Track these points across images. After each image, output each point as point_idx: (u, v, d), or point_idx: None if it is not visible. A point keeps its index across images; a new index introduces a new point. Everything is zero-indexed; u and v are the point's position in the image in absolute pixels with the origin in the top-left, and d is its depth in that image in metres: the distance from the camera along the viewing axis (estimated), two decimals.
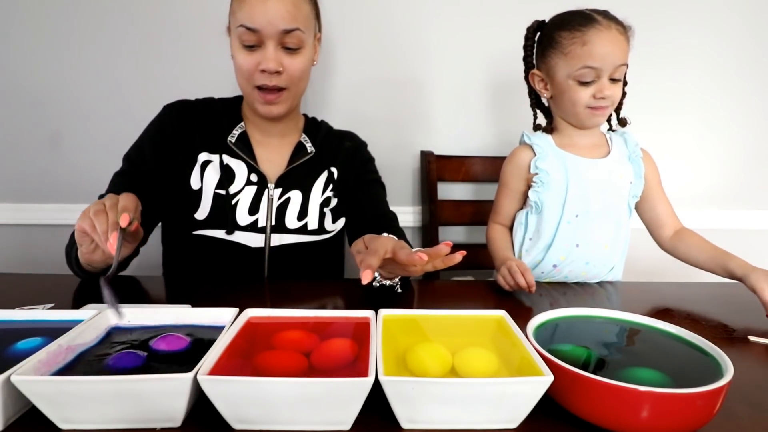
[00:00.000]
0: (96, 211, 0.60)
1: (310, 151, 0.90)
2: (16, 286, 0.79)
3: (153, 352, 0.47)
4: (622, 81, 0.83)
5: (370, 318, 0.54)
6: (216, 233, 0.83)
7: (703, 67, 1.23)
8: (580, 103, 0.83)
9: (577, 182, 0.86)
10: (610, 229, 0.89)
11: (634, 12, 1.20)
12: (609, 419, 0.41)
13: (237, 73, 0.83)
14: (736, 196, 1.31)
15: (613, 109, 0.86)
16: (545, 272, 0.92)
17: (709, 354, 0.46)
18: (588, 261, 0.89)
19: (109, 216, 0.59)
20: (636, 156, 0.90)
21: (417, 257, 0.55)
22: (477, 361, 0.46)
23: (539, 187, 0.87)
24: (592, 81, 0.81)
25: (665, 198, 0.93)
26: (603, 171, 0.87)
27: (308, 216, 0.87)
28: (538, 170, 0.87)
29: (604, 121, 0.88)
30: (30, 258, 1.24)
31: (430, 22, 1.19)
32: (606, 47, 0.78)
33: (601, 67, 0.79)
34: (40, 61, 1.15)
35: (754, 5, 1.20)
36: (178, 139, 0.85)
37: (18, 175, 1.21)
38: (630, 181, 0.89)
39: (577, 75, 0.81)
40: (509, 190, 0.93)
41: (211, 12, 1.13)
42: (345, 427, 0.41)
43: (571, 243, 0.88)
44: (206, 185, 0.84)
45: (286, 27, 0.77)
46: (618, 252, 0.92)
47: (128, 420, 0.40)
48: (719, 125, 1.26)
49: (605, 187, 0.87)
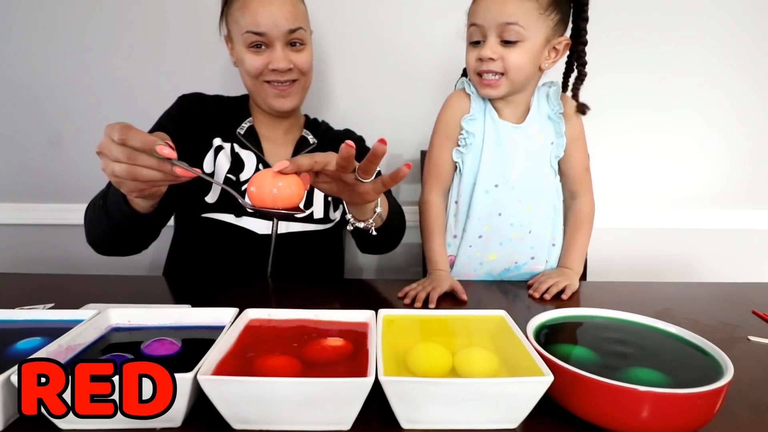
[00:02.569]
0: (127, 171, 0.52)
1: (312, 143, 0.94)
2: (16, 286, 0.79)
3: (143, 356, 0.46)
4: (525, 47, 0.73)
5: (370, 318, 0.54)
6: (225, 217, 0.84)
7: (703, 67, 1.22)
8: (470, 67, 0.77)
9: (496, 151, 0.81)
10: (533, 193, 0.85)
11: (633, 14, 1.21)
12: (609, 419, 0.41)
13: (244, 75, 0.85)
14: (736, 196, 1.31)
15: (509, 81, 0.76)
16: (473, 245, 0.86)
17: (709, 354, 0.46)
18: (512, 223, 0.85)
19: (144, 164, 0.52)
20: (555, 113, 0.83)
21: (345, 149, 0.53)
22: (477, 361, 0.46)
23: (463, 148, 0.82)
24: (479, 42, 0.74)
25: (578, 160, 0.86)
26: (521, 137, 0.81)
27: (314, 205, 0.90)
28: (465, 131, 0.82)
29: (499, 94, 0.78)
30: (30, 258, 1.24)
31: (430, 21, 1.19)
32: (489, 3, 0.72)
33: (483, 24, 0.72)
34: (40, 61, 1.15)
35: (752, 6, 1.20)
36: (196, 123, 0.87)
37: (18, 175, 1.21)
38: (551, 142, 0.83)
39: (468, 35, 0.75)
40: (449, 139, 0.84)
41: (211, 12, 1.13)
42: (345, 427, 0.41)
43: (494, 212, 0.84)
44: (218, 169, 0.86)
45: (291, 27, 0.81)
46: (546, 215, 0.87)
47: (128, 420, 0.40)
48: (719, 125, 1.26)
49: (524, 154, 0.82)
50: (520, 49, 0.73)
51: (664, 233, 1.32)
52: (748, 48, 1.22)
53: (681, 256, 1.33)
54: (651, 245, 1.33)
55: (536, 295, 0.77)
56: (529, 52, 0.73)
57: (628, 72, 1.22)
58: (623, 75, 1.22)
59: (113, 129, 0.52)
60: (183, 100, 0.90)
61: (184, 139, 0.84)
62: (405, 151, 1.26)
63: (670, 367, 0.45)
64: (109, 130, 0.53)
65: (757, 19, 1.20)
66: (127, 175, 0.53)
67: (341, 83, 1.21)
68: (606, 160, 1.26)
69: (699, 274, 1.33)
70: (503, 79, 0.76)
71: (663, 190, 1.30)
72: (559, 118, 0.84)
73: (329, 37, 1.16)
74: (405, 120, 1.24)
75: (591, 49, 1.22)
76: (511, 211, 0.85)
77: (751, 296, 0.78)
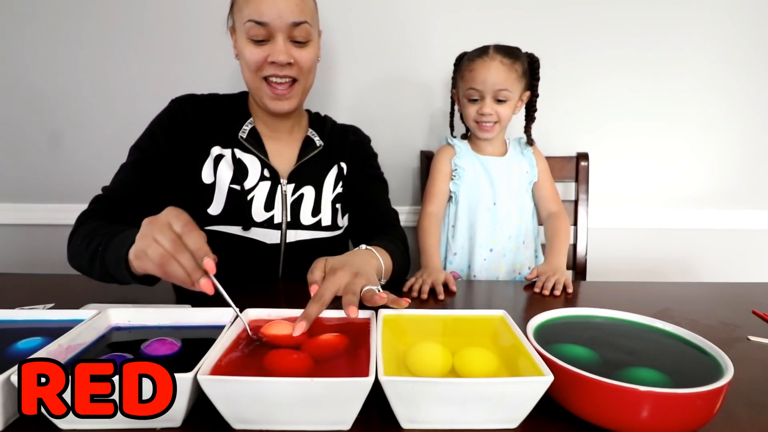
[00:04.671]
0: (161, 258, 0.51)
1: (319, 145, 0.91)
2: (16, 286, 0.79)
3: (142, 356, 0.46)
4: (510, 103, 0.99)
5: (370, 318, 0.54)
6: (231, 229, 0.82)
7: (700, 69, 1.23)
8: (469, 118, 1.02)
9: (486, 177, 1.05)
10: (519, 210, 1.07)
11: (633, 15, 1.21)
12: (609, 419, 0.41)
13: (244, 69, 0.82)
14: (736, 196, 1.31)
15: (501, 126, 1.02)
16: (487, 259, 1.05)
17: (709, 354, 0.46)
18: (510, 235, 1.06)
19: (182, 262, 0.50)
20: (527, 152, 1.09)
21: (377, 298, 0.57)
22: (477, 361, 0.46)
23: (458, 180, 1.06)
24: (477, 100, 0.99)
25: (549, 185, 1.10)
26: (505, 166, 1.07)
27: (322, 212, 0.88)
28: (457, 167, 1.06)
29: (493, 136, 1.03)
30: (30, 258, 1.24)
31: (430, 22, 1.19)
32: (485, 74, 0.96)
33: (482, 89, 0.97)
34: (40, 61, 1.15)
35: (747, 8, 1.20)
36: (190, 130, 0.83)
37: (18, 175, 1.21)
38: (526, 171, 1.08)
39: (467, 94, 1.00)
40: (441, 173, 1.07)
41: (212, 11, 1.13)
42: (345, 427, 0.41)
43: (497, 227, 1.05)
44: (220, 180, 0.82)
45: (295, 20, 0.77)
46: (528, 225, 1.09)
47: (128, 420, 0.40)
48: (718, 126, 1.26)
49: (509, 178, 1.06)
50: (507, 105, 0.99)
51: (663, 233, 1.32)
52: (748, 48, 1.22)
53: (681, 256, 1.33)
54: (651, 245, 1.33)
55: (546, 293, 0.81)
56: (511, 106, 1.00)
57: (628, 74, 1.23)
58: (623, 77, 1.23)
59: (178, 218, 0.52)
60: (175, 106, 0.85)
61: (178, 149, 0.82)
62: (405, 152, 1.26)
63: (670, 367, 0.45)
64: (173, 217, 0.52)
65: (752, 21, 1.21)
66: (158, 260, 0.51)
67: (341, 83, 1.21)
68: (606, 161, 1.26)
69: (699, 274, 1.33)
70: (497, 125, 1.01)
71: (663, 190, 1.30)
72: (530, 155, 1.10)
73: (330, 38, 1.15)
74: (405, 120, 1.25)
75: (591, 51, 1.24)
76: (507, 225, 1.05)
77: (751, 296, 0.78)
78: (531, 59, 1.02)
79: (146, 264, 0.53)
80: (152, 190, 0.79)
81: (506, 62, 0.96)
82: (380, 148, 1.01)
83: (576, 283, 0.89)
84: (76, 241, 0.70)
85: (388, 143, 1.20)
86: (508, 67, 0.96)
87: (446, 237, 1.08)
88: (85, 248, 0.67)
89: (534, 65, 1.03)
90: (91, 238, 0.67)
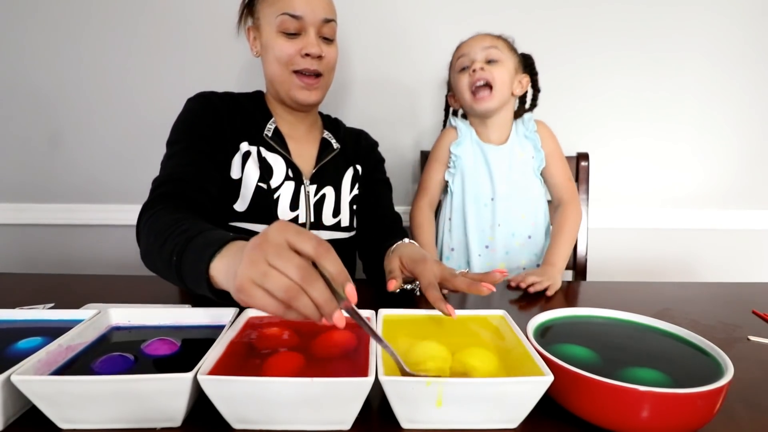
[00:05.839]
0: (288, 292, 0.38)
1: (336, 147, 0.91)
2: (16, 286, 0.79)
3: (142, 356, 0.46)
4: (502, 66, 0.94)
5: (370, 318, 0.54)
6: (257, 227, 0.82)
7: (700, 69, 1.23)
8: (464, 91, 0.96)
9: (483, 169, 0.99)
10: (527, 202, 1.00)
11: (632, 16, 1.21)
12: (609, 419, 0.41)
13: (272, 63, 0.82)
14: (736, 196, 1.31)
15: (497, 94, 0.94)
16: (482, 255, 1.00)
17: (709, 354, 0.46)
18: (513, 233, 0.99)
19: (312, 295, 0.39)
20: (531, 132, 1.00)
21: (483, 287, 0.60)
22: (477, 361, 0.46)
23: (453, 170, 1.00)
24: (468, 68, 0.94)
25: (559, 171, 1.01)
26: (504, 155, 0.99)
27: (341, 213, 0.89)
28: (454, 155, 1.00)
29: (491, 107, 0.95)
30: (30, 258, 1.24)
31: (430, 22, 1.19)
32: (472, 41, 0.95)
33: (470, 51, 0.94)
34: (40, 62, 1.16)
35: (747, 9, 1.20)
36: (223, 123, 0.82)
37: (18, 175, 1.21)
38: (531, 156, 1.00)
39: (457, 65, 0.96)
40: (438, 162, 1.02)
41: (213, 11, 1.13)
42: (345, 427, 0.41)
43: (494, 224, 0.99)
44: (247, 177, 0.82)
45: (326, 16, 0.81)
46: (539, 220, 1.01)
47: (128, 420, 0.40)
48: (718, 126, 1.27)
49: (509, 170, 0.99)
50: (499, 67, 0.94)
51: (664, 233, 1.32)
52: (748, 48, 1.22)
53: (681, 256, 1.33)
54: (651, 245, 1.33)
55: (513, 284, 0.83)
56: (506, 71, 0.95)
57: (628, 75, 1.23)
58: (623, 78, 1.23)
59: (302, 235, 0.40)
60: (204, 101, 0.83)
61: (216, 139, 0.80)
62: (405, 152, 1.26)
63: (670, 367, 0.45)
64: (293, 234, 0.40)
65: (752, 21, 1.21)
66: (284, 294, 0.38)
67: (342, 83, 1.21)
68: (606, 161, 1.26)
69: (699, 274, 1.33)
70: (493, 92, 0.94)
71: (663, 190, 1.30)
72: (534, 135, 1.00)
73: None
74: (405, 120, 1.25)
75: (591, 52, 1.24)
76: (509, 222, 0.99)
77: (751, 296, 0.78)
78: (524, 56, 1.01)
79: (260, 300, 0.39)
80: (212, 172, 0.78)
81: (492, 34, 0.97)
82: (380, 148, 1.01)
83: (576, 283, 0.89)
84: (149, 237, 0.61)
85: (388, 144, 1.19)
86: (494, 36, 0.97)
87: (442, 231, 1.04)
88: (158, 250, 0.57)
89: (528, 60, 1.02)
90: (164, 238, 0.57)
